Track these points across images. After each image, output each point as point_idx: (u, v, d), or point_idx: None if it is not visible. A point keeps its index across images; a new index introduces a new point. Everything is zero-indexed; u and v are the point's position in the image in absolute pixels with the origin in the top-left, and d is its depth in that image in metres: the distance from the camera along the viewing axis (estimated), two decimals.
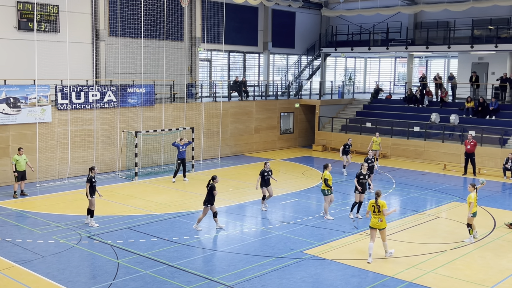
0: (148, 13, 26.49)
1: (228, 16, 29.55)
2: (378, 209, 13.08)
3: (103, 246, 14.15)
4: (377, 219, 13.14)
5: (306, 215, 17.52)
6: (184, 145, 22.36)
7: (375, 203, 13.16)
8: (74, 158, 22.69)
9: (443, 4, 31.32)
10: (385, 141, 29.50)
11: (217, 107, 28.22)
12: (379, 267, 12.88)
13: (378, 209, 13.08)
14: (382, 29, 35.03)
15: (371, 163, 20.87)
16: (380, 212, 13.07)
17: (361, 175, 17.10)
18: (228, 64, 33.71)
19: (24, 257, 13.21)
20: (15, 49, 22.92)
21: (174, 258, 13.30)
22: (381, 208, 13.06)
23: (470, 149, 24.31)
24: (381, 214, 13.08)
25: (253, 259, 13.31)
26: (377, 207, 13.10)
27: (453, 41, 31.47)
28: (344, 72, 41.65)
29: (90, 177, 15.76)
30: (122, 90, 24.23)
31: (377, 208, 13.11)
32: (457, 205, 19.22)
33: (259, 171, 18.07)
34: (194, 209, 18.04)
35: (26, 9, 22.96)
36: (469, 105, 29.32)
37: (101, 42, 25.64)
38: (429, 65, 39.60)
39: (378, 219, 13.13)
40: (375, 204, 13.16)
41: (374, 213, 13.20)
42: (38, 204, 18.60)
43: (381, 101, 34.60)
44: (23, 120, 21.22)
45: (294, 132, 33.70)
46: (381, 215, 13.09)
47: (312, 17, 38.03)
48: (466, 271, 12.77)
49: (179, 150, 22.25)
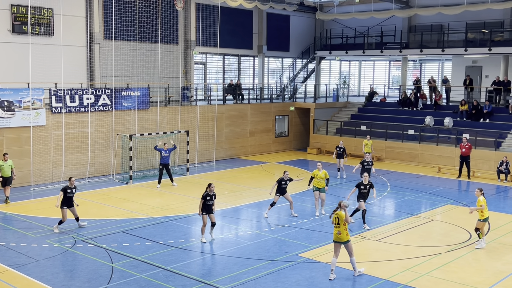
0: (143, 16, 26.48)
1: (223, 20, 29.58)
2: (338, 221, 12.28)
3: (98, 249, 14.10)
4: (336, 231, 12.34)
5: (301, 218, 17.53)
6: (168, 151, 21.85)
7: (332, 213, 12.56)
8: (68, 162, 22.63)
9: (437, 8, 31.46)
10: (379, 144, 29.57)
11: (212, 110, 28.22)
12: (373, 270, 12.89)
13: (338, 221, 12.28)
14: (377, 32, 35.14)
15: (368, 165, 20.89)
16: (339, 224, 12.23)
17: (362, 185, 16.66)
18: (223, 67, 33.73)
19: (18, 261, 13.15)
20: (9, 52, 22.86)
21: (169, 261, 13.27)
22: (340, 221, 12.23)
23: (465, 152, 24.40)
24: (341, 227, 12.22)
25: (248, 262, 13.30)
26: (336, 218, 12.33)
27: (447, 45, 31.59)
28: (338, 75, 41.74)
29: (66, 187, 15.52)
30: (117, 93, 24.19)
31: (336, 219, 12.32)
32: (451, 208, 19.28)
33: (254, 174, 18.07)
34: (189, 213, 18.01)
35: (20, 12, 22.91)
36: (463, 108, 29.44)
37: (95, 45, 25.60)
38: (423, 68, 39.74)
39: (337, 231, 12.30)
40: (331, 215, 12.58)
41: (335, 225, 12.41)
42: (32, 207, 18.52)
43: (376, 104, 34.68)
44: (17, 124, 21.15)
45: (289, 135, 33.73)
46: (340, 227, 12.23)
47: (306, 20, 38.12)
48: (460, 273, 12.80)
49: (162, 155, 21.75)
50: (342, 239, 12.28)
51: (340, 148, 24.72)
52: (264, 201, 19.63)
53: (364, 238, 15.44)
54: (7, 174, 19.02)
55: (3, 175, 18.95)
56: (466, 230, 16.41)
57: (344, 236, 12.27)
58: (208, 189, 14.83)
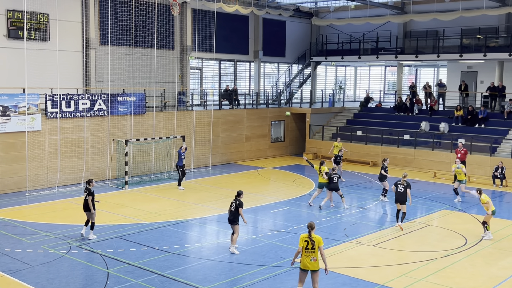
0: (139, 22, 26.49)
1: (219, 25, 29.63)
2: (312, 245, 10.58)
3: (93, 255, 14.05)
4: (310, 258, 10.62)
5: (297, 223, 17.52)
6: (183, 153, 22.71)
7: (309, 238, 10.64)
8: (64, 167, 22.57)
9: (432, 14, 31.61)
10: (375, 149, 29.63)
11: (208, 116, 28.22)
12: (369, 276, 12.89)
13: (312, 245, 10.58)
14: (372, 38, 35.27)
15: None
16: (314, 249, 10.60)
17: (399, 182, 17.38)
18: (219, 73, 33.76)
19: (13, 267, 13.08)
20: (4, 58, 22.82)
21: (165, 267, 13.23)
22: (316, 245, 10.59)
23: (461, 157, 24.40)
24: (316, 252, 10.64)
25: (244, 267, 13.28)
26: (311, 242, 10.61)
27: (442, 50, 31.73)
28: (334, 80, 41.82)
29: (92, 191, 15.46)
30: (113, 99, 24.17)
31: (311, 243, 10.60)
32: (447, 213, 19.30)
33: (250, 179, 18.06)
34: (185, 218, 17.98)
35: (16, 18, 22.89)
36: (458, 113, 29.53)
37: (91, 51, 25.59)
38: (419, 73, 39.89)
39: (311, 257, 10.62)
40: (308, 239, 10.64)
41: (307, 251, 10.61)
42: (27, 213, 18.45)
43: (371, 110, 34.76)
44: (12, 129, 21.09)
45: (285, 140, 33.75)
46: (315, 252, 10.63)
47: (302, 26, 38.22)
48: (456, 278, 12.81)
49: (181, 158, 22.47)
50: (315, 267, 10.68)
51: (339, 156, 24.74)
52: (260, 206, 19.62)
53: (360, 243, 15.44)
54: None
55: None
56: (461, 235, 16.43)
57: (317, 264, 10.70)
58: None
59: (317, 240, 10.61)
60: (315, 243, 10.58)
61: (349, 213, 19.00)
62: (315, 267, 10.67)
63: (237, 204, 14.43)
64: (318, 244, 10.60)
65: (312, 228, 10.74)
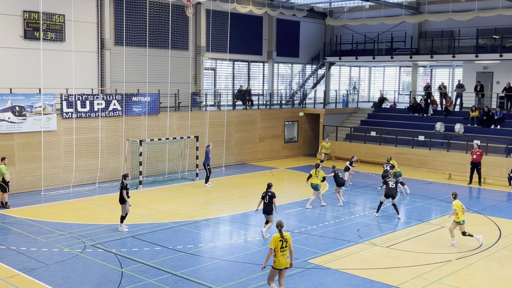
0: (153, 22, 26.61)
1: (233, 25, 29.67)
2: (286, 243, 10.90)
3: (107, 254, 14.14)
4: (284, 256, 10.90)
5: (310, 224, 17.49)
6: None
7: (282, 237, 10.87)
8: (79, 167, 22.74)
9: (448, 14, 31.37)
10: (389, 150, 29.47)
11: (221, 116, 28.27)
12: (384, 277, 12.82)
13: (286, 243, 10.90)
14: (387, 38, 35.09)
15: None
16: (287, 247, 10.91)
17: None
18: (233, 73, 33.80)
19: (28, 266, 13.21)
20: (21, 58, 23.07)
21: (178, 267, 13.28)
22: (288, 242, 10.94)
23: (476, 158, 24.23)
24: (287, 250, 10.95)
25: (257, 268, 13.27)
26: (284, 241, 10.88)
27: (458, 50, 31.46)
28: (348, 81, 41.69)
29: (126, 184, 16.14)
30: (127, 99, 24.31)
31: (285, 242, 10.87)
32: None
33: (263, 179, 18.08)
34: (198, 218, 18.03)
35: (32, 18, 23.13)
36: (474, 114, 29.27)
37: (106, 51, 25.77)
38: (434, 74, 39.60)
39: (285, 255, 10.92)
40: (282, 238, 10.87)
41: (282, 249, 10.85)
42: (43, 212, 18.63)
43: (386, 110, 34.57)
44: (28, 129, 21.31)
45: (299, 141, 33.69)
46: (286, 250, 10.93)
47: (316, 26, 38.14)
48: (471, 281, 12.70)
49: (208, 156, 23.14)
50: (288, 263, 11.01)
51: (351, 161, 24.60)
52: None
53: (373, 244, 15.37)
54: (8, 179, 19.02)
55: (7, 179, 18.96)
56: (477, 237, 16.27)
57: (288, 260, 11.03)
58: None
59: (289, 237, 11.02)
60: (288, 241, 10.94)
61: (363, 214, 18.93)
62: (287, 264, 11.06)
63: (270, 195, 15.58)
64: (289, 241, 10.98)
65: (282, 226, 11.13)
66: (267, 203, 15.68)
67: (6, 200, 18.98)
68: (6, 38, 22.77)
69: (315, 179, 19.39)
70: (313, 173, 19.48)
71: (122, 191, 16.11)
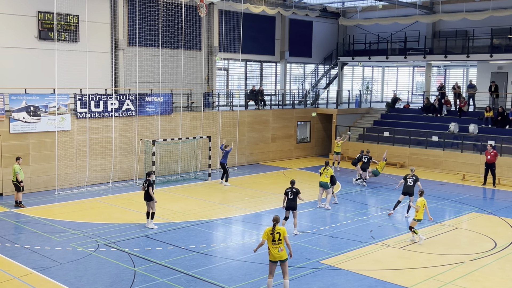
0: (167, 23, 26.72)
1: (246, 26, 29.69)
2: (278, 237, 11.03)
3: (120, 254, 14.22)
4: (277, 249, 11.04)
5: (322, 224, 17.45)
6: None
7: (273, 231, 11.06)
8: (93, 166, 22.90)
9: (462, 13, 31.13)
10: (402, 150, 29.32)
11: (234, 116, 28.31)
12: (396, 278, 12.76)
13: (278, 237, 11.03)
14: (400, 38, 34.90)
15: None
16: (281, 240, 11.03)
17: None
18: (245, 73, 33.83)
19: (42, 264, 13.33)
20: (35, 59, 23.28)
21: (191, 266, 13.32)
22: (281, 236, 11.05)
23: (490, 159, 24.02)
24: (282, 243, 11.06)
25: None
26: (276, 234, 11.05)
27: (472, 50, 31.21)
28: (361, 81, 41.53)
29: (153, 181, 16.68)
30: (140, 99, 24.43)
31: (277, 235, 11.03)
32: (476, 216, 18.98)
33: (276, 180, 18.06)
34: (210, 218, 18.07)
35: (46, 19, 23.33)
36: (488, 114, 29.02)
37: (120, 52, 25.92)
38: (448, 74, 39.31)
39: (278, 248, 11.04)
40: (273, 232, 11.06)
41: (274, 243, 11.03)
42: (57, 211, 18.78)
43: (399, 111, 34.39)
44: (42, 129, 21.49)
45: (311, 141, 33.63)
46: (281, 243, 11.06)
47: (329, 26, 38.05)
48: (485, 282, 12.59)
49: (227, 155, 23.88)
50: (282, 257, 11.14)
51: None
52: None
53: (386, 245, 15.30)
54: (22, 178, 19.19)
55: (22, 178, 19.14)
56: (491, 238, 16.14)
57: (284, 253, 11.16)
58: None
59: (282, 231, 11.16)
60: (281, 234, 11.09)
61: (376, 215, 18.85)
62: (282, 257, 11.15)
63: (294, 191, 15.91)
64: (284, 234, 11.12)
65: (277, 221, 11.28)
66: (291, 199, 15.89)
67: (20, 199, 19.15)
68: (21, 38, 23.00)
69: (324, 177, 19.33)
70: (322, 171, 19.42)
71: (149, 188, 16.45)
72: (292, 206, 15.95)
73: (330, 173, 19.34)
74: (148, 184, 16.49)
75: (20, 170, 19.02)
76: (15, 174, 18.94)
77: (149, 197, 16.54)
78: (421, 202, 15.50)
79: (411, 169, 18.90)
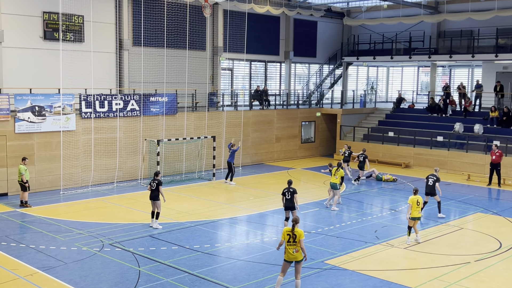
0: (171, 23, 26.76)
1: (250, 26, 29.68)
2: (294, 239, 11.21)
3: (125, 253, 14.25)
4: (292, 250, 11.24)
5: (327, 225, 17.43)
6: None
7: (291, 232, 11.24)
8: (97, 166, 22.95)
9: (467, 13, 31.03)
10: (407, 150, 29.26)
11: (238, 116, 28.31)
12: (401, 278, 12.73)
13: (294, 239, 11.21)
14: (405, 38, 34.84)
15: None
16: (296, 242, 11.23)
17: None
18: (250, 73, 33.83)
19: (47, 264, 13.37)
20: (40, 59, 23.35)
21: (195, 266, 13.33)
22: (297, 238, 11.21)
23: (495, 159, 23.94)
24: (297, 244, 11.23)
25: (274, 268, 13.27)
26: (292, 236, 11.23)
27: (477, 50, 31.11)
28: (366, 81, 41.46)
29: (161, 181, 16.83)
30: (145, 99, 24.47)
31: (292, 237, 11.23)
32: (481, 216, 18.92)
33: (279, 180, 18.03)
34: (215, 218, 18.08)
35: (51, 19, 23.40)
36: (493, 114, 28.92)
37: (124, 52, 25.97)
38: (453, 74, 39.20)
39: (293, 249, 11.23)
40: (290, 233, 11.25)
41: (289, 243, 11.25)
42: (62, 211, 18.83)
43: (404, 110, 34.32)
44: (47, 128, 21.55)
45: (315, 141, 33.60)
46: (296, 245, 11.24)
47: (334, 26, 38.01)
48: (490, 283, 12.55)
49: (234, 155, 24.09)
50: (297, 258, 11.28)
51: (362, 155, 24.59)
52: None
53: (391, 246, 15.27)
54: (28, 178, 19.24)
55: (28, 178, 19.19)
56: (496, 239, 16.09)
57: (300, 255, 11.28)
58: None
59: (298, 234, 11.25)
60: (297, 237, 11.21)
61: (380, 215, 18.82)
62: (297, 258, 11.30)
63: (292, 191, 15.84)
64: (299, 237, 11.21)
65: (297, 222, 11.46)
66: (289, 199, 15.87)
67: (26, 199, 19.22)
68: (26, 39, 23.07)
69: (334, 178, 19.32)
70: (333, 172, 19.42)
71: (159, 187, 16.60)
72: (291, 206, 15.95)
73: (341, 174, 19.35)
74: (158, 183, 16.62)
75: (25, 171, 19.08)
76: (20, 174, 19.01)
77: (155, 196, 16.61)
78: (411, 200, 15.38)
79: (435, 169, 18.93)
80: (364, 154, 24.45)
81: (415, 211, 15.29)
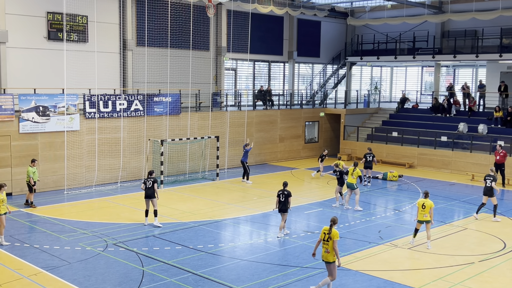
0: (175, 23, 26.79)
1: (254, 26, 29.70)
2: (328, 237, 11.25)
3: (129, 253, 14.27)
4: (324, 249, 11.29)
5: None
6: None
7: (329, 230, 11.28)
8: (101, 166, 22.99)
9: (471, 13, 30.96)
10: (411, 150, 29.20)
11: (242, 116, 28.32)
12: (405, 279, 12.71)
13: (328, 237, 11.25)
14: (409, 38, 34.77)
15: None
16: (328, 242, 11.19)
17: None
18: (253, 73, 33.83)
19: (51, 264, 13.40)
20: (44, 59, 23.40)
21: (199, 266, 13.34)
22: (332, 238, 11.19)
23: (499, 159, 23.88)
24: (329, 244, 11.21)
25: (277, 268, 13.27)
26: (327, 234, 11.25)
27: (481, 50, 31.03)
28: (370, 81, 41.41)
29: (156, 179, 16.93)
30: (149, 99, 24.50)
31: (327, 236, 11.25)
32: (485, 217, 18.87)
33: (284, 180, 17.99)
34: (218, 218, 18.09)
35: (55, 20, 23.45)
36: (497, 114, 28.84)
37: (128, 52, 26.01)
38: (457, 74, 39.12)
39: (325, 249, 11.26)
40: (327, 232, 11.32)
41: (323, 242, 11.29)
42: (66, 211, 18.87)
43: (408, 111, 34.26)
44: (52, 128, 21.60)
45: (319, 141, 33.57)
46: (328, 245, 11.22)
47: (337, 26, 37.97)
48: (494, 283, 12.52)
49: (247, 154, 24.51)
50: (327, 258, 11.31)
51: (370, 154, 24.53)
52: (293, 207, 19.54)
53: (395, 246, 15.25)
54: (36, 179, 19.32)
55: (35, 180, 19.26)
56: (500, 239, 16.05)
57: (330, 256, 11.28)
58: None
59: (333, 234, 11.25)
60: (332, 237, 11.21)
61: (384, 215, 18.79)
62: (328, 259, 11.33)
63: (286, 194, 15.74)
64: (333, 237, 11.19)
65: (335, 223, 11.42)
66: (283, 202, 15.78)
67: (32, 200, 19.27)
68: (30, 39, 23.13)
69: (350, 178, 19.32)
70: (350, 172, 19.42)
71: (154, 185, 16.69)
72: (283, 209, 15.79)
73: (358, 174, 19.34)
74: (153, 181, 16.69)
75: (33, 173, 19.12)
76: (28, 177, 19.07)
77: (151, 194, 16.71)
78: (417, 203, 15.38)
79: (491, 169, 18.97)
80: (371, 154, 24.37)
81: (420, 214, 15.22)
